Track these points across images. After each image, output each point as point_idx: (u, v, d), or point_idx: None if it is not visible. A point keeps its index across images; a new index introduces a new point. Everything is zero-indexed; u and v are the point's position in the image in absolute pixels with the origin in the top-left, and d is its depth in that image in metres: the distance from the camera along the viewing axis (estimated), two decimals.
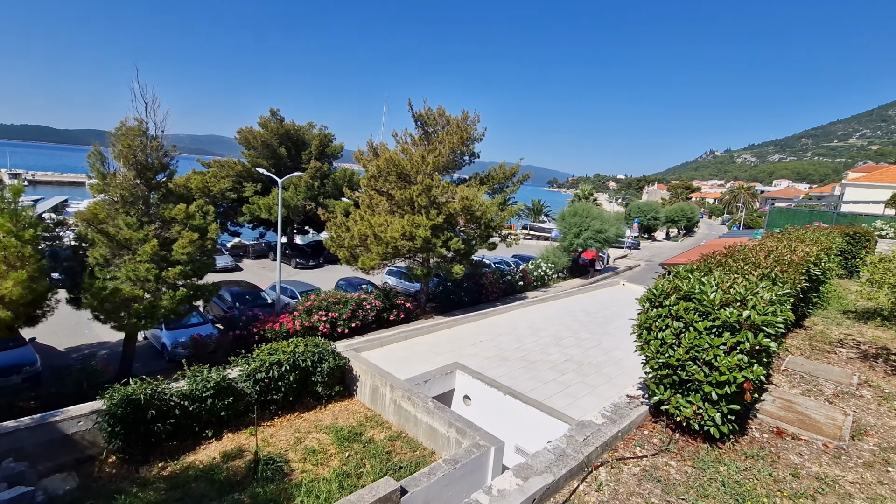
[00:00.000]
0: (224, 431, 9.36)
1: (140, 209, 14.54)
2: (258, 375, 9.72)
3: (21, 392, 12.54)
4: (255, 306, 19.44)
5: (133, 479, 7.82)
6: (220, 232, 16.74)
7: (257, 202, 29.88)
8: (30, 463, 7.35)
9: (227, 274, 27.24)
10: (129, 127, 14.29)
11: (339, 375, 11.21)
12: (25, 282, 12.04)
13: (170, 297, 14.06)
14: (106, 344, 17.39)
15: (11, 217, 12.27)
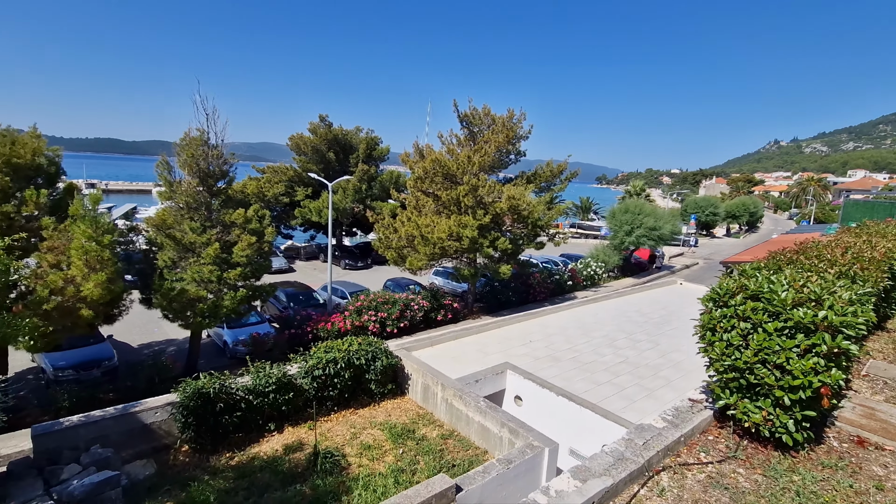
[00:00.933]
0: (285, 425, 9.80)
1: (203, 214, 15.47)
2: (315, 372, 10.10)
3: (101, 385, 13.69)
4: (308, 306, 20.19)
5: (204, 468, 8.36)
6: (275, 235, 17.53)
7: (308, 206, 31.02)
8: (114, 449, 8.02)
9: (281, 275, 28.47)
10: (192, 137, 15.23)
11: (391, 374, 11.46)
12: (104, 283, 13.09)
13: (231, 298, 14.86)
14: (174, 341, 18.59)
15: (92, 224, 13.36)
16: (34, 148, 14.24)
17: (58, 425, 8.00)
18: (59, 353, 14.46)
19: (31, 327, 5.16)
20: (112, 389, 13.47)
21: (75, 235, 12.99)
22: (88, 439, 7.96)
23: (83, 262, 12.90)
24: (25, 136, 14.58)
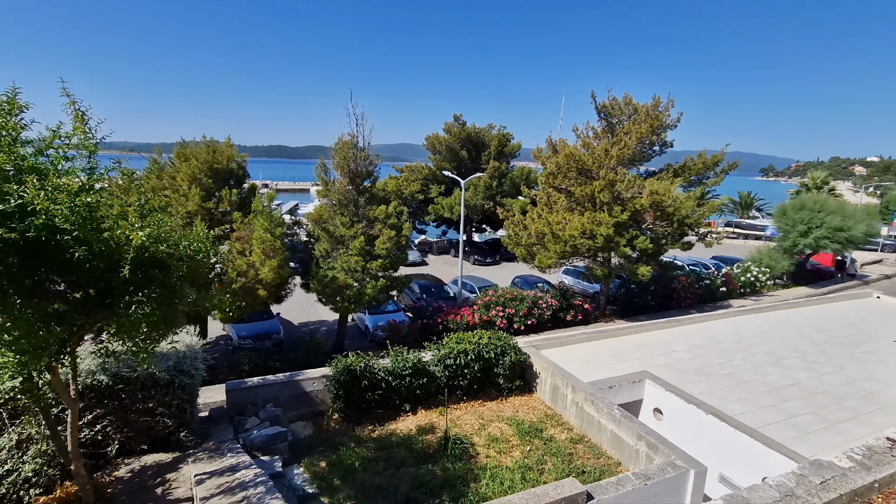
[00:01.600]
0: (419, 408, 10.41)
1: (351, 210, 17.15)
2: (447, 361, 10.53)
3: (271, 354, 16.07)
4: (440, 298, 21.13)
5: (351, 436, 9.32)
6: (411, 230, 18.71)
7: (441, 202, 32.47)
8: (283, 410, 9.41)
9: (415, 268, 30.31)
10: (344, 142, 16.97)
11: (519, 370, 11.40)
12: (276, 269, 15.35)
13: (372, 286, 16.26)
14: (325, 322, 20.99)
15: (268, 218, 15.74)
16: (229, 155, 17.29)
17: (243, 384, 9.66)
18: (241, 324, 17.40)
19: (229, 302, 6.28)
20: (279, 359, 15.71)
21: (255, 228, 15.46)
22: (265, 398, 9.46)
23: (261, 250, 15.28)
24: (222, 145, 17.78)
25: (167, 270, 5.25)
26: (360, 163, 16.89)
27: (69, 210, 4.15)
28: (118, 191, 5.74)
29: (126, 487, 6.60)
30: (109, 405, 6.97)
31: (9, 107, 4.40)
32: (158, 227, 4.98)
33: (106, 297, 4.80)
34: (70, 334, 4.70)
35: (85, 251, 4.35)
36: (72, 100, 4.99)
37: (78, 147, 4.97)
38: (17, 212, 4.09)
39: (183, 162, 16.71)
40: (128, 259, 4.43)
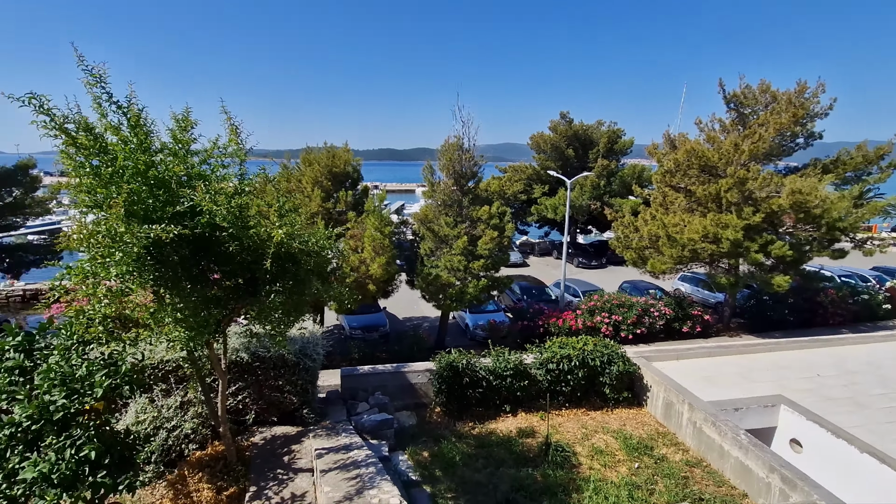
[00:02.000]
0: (519, 409, 10.35)
1: (455, 211, 17.54)
2: (550, 366, 10.31)
3: (378, 345, 17.09)
4: (541, 301, 20.70)
5: (452, 430, 9.58)
6: (513, 231, 18.59)
7: (544, 203, 31.76)
8: (390, 399, 10.00)
9: (516, 269, 30.07)
10: (450, 143, 17.41)
11: (627, 381, 10.74)
12: (384, 265, 16.29)
13: (474, 286, 16.48)
14: (427, 318, 21.73)
15: (378, 217, 16.77)
16: (346, 160, 18.76)
17: (356, 371, 10.46)
18: (353, 316, 18.77)
19: (348, 294, 6.84)
20: (385, 350, 16.65)
21: (367, 226, 16.57)
22: (374, 386, 10.15)
23: (371, 247, 16.33)
24: (340, 150, 19.33)
25: (298, 264, 5.88)
26: (465, 164, 17.21)
27: (227, 210, 4.86)
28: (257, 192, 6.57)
29: (260, 452, 7.53)
30: (248, 379, 8.01)
31: (184, 124, 5.28)
32: (292, 226, 5.61)
33: (251, 285, 5.54)
34: (223, 316, 5.50)
35: (237, 246, 5.06)
36: (228, 116, 5.83)
37: (232, 156, 5.79)
38: (189, 212, 4.90)
39: (307, 166, 18.52)
40: (269, 253, 5.05)
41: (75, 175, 4.47)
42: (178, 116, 5.26)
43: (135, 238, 4.07)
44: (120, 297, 4.49)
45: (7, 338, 5.76)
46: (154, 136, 5.22)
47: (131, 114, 4.90)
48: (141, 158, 4.69)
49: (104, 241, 4.11)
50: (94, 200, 4.45)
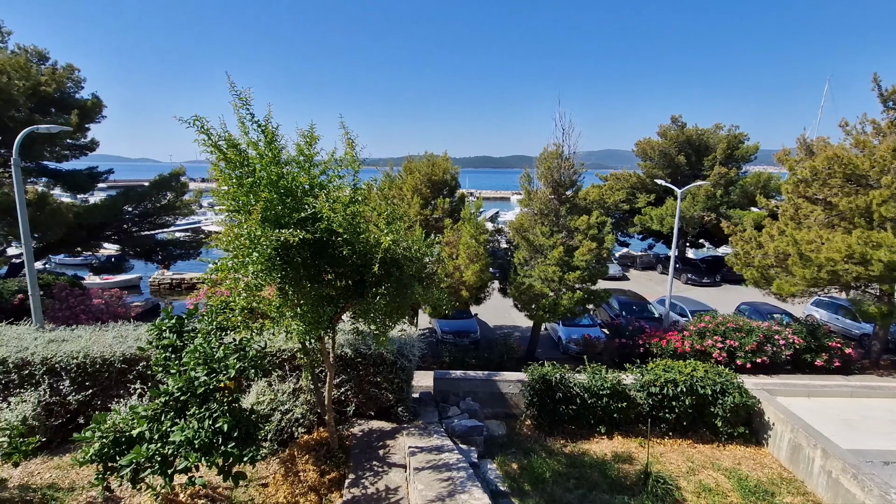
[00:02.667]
0: (615, 432, 9.80)
1: (552, 220, 17.17)
2: (652, 389, 9.62)
3: (468, 351, 17.27)
4: (642, 318, 19.39)
5: (542, 445, 9.37)
6: (614, 242, 17.67)
7: (649, 213, 29.73)
8: (480, 405, 10.08)
9: (614, 282, 28.51)
10: (549, 152, 17.14)
11: (744, 415, 9.62)
12: (478, 273, 16.47)
13: (568, 298, 15.97)
14: (518, 328, 21.50)
15: (473, 225, 17.01)
16: (444, 168, 19.34)
17: (448, 375, 10.72)
18: (445, 320, 19.23)
19: (446, 300, 7.07)
20: (475, 356, 16.79)
21: (463, 234, 16.90)
22: (465, 391, 10.31)
23: (466, 254, 16.62)
24: (439, 159, 19.98)
25: (402, 269, 6.22)
26: (563, 172, 16.82)
27: (342, 217, 5.32)
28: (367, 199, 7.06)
29: (358, 443, 8.05)
30: (350, 374, 8.62)
31: (310, 140, 5.88)
32: (398, 233, 5.95)
33: (359, 287, 5.98)
34: (335, 313, 6.01)
35: (349, 250, 5.51)
36: (346, 131, 6.37)
37: (347, 166, 6.31)
38: (310, 218, 5.45)
39: (408, 175, 19.43)
40: (377, 258, 5.42)
41: (224, 184, 5.22)
42: (304, 133, 5.87)
43: (268, 240, 4.65)
44: (254, 291, 5.15)
45: (164, 320, 6.88)
46: (283, 150, 5.92)
47: (268, 132, 5.59)
48: (274, 170, 5.33)
49: (245, 242, 4.74)
50: (236, 206, 5.16)
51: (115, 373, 8.18)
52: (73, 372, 8.04)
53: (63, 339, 8.63)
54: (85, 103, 21.44)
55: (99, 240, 25.04)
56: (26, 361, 8.01)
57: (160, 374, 6.48)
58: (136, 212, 24.91)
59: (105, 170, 25.08)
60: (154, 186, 24.99)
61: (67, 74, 20.97)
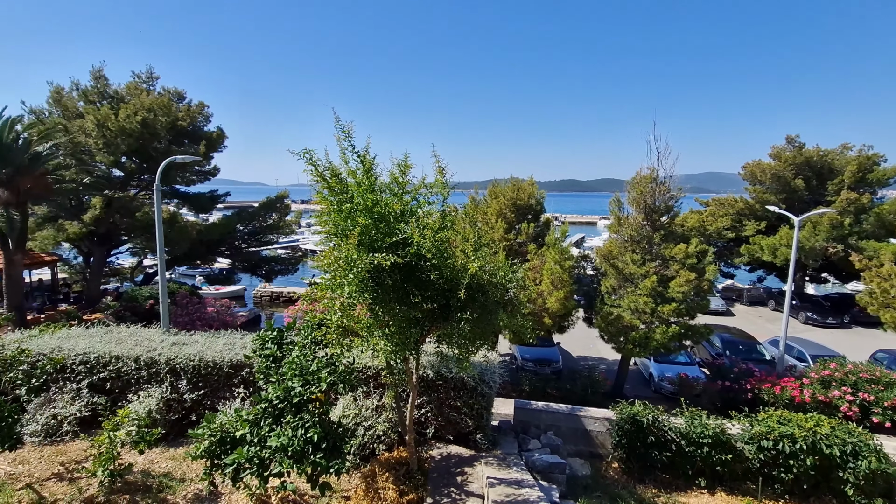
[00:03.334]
0: (717, 487, 8.75)
1: (644, 247, 16.20)
2: (763, 443, 8.49)
3: (549, 381, 16.61)
4: (749, 359, 17.37)
5: (631, 492, 8.64)
6: (716, 273, 16.17)
7: (759, 242, 26.82)
8: (562, 441, 9.59)
9: (716, 317, 25.93)
10: (642, 176, 16.33)
11: (883, 486, 8.10)
12: (562, 300, 15.93)
13: (662, 332, 14.82)
14: (604, 360, 20.31)
15: (558, 251, 16.56)
16: (530, 192, 19.20)
17: (529, 405, 10.38)
18: (525, 347, 18.75)
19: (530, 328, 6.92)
20: (556, 387, 16.11)
21: (547, 259, 16.53)
22: (546, 424, 9.90)
23: (550, 280, 16.20)
24: (525, 183, 19.89)
25: (486, 295, 6.22)
26: (658, 197, 15.90)
27: (431, 243, 5.48)
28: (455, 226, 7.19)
29: (437, 467, 8.03)
30: (431, 396, 8.69)
31: (403, 168, 6.18)
32: (484, 259, 5.98)
33: (444, 310, 6.07)
34: (420, 335, 6.14)
35: (437, 275, 5.64)
36: (437, 159, 6.60)
37: (437, 193, 6.52)
38: (401, 243, 5.68)
39: (493, 199, 19.55)
40: (463, 283, 5.48)
41: (328, 210, 5.66)
42: (398, 162, 6.19)
43: (363, 263, 4.93)
44: (348, 311, 5.46)
45: (267, 332, 7.52)
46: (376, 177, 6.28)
47: (366, 161, 5.97)
48: (369, 197, 5.67)
49: (342, 265, 5.07)
50: (335, 230, 5.55)
51: (223, 376, 9.05)
52: (189, 373, 9.03)
53: (183, 342, 9.75)
54: (211, 135, 24.61)
55: (215, 254, 28.24)
56: (154, 360, 9.15)
57: (261, 381, 7.06)
58: (245, 230, 27.80)
59: (223, 192, 28.40)
60: (262, 208, 27.78)
61: (199, 111, 24.27)
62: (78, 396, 9.00)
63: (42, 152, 17.89)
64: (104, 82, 22.87)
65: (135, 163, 22.74)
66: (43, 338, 9.78)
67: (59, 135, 19.49)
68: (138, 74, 23.92)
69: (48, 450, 8.39)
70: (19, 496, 7.06)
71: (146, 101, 21.38)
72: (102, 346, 9.36)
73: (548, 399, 14.48)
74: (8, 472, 7.64)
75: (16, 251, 17.52)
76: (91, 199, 22.20)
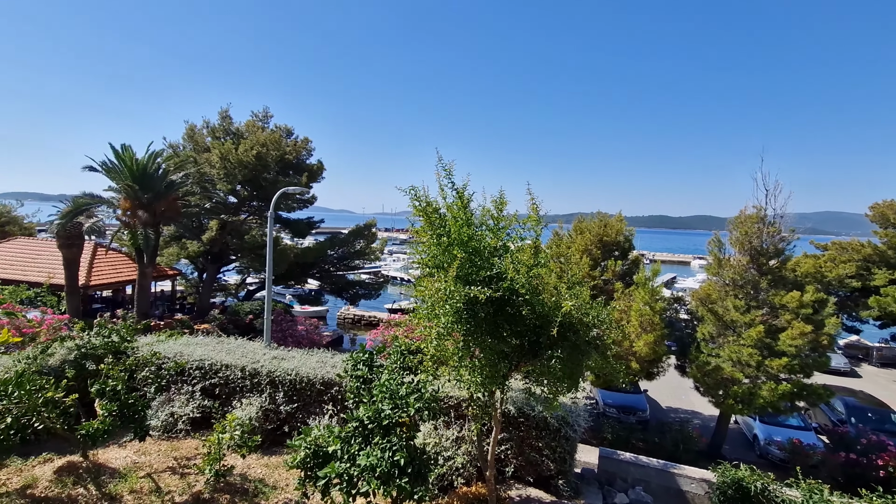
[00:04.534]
0: None
1: (748, 293, 14.84)
2: None
3: (634, 431, 15.46)
4: (881, 430, 14.93)
5: None
6: (838, 327, 14.29)
7: (893, 294, 23.29)
8: (652, 499, 8.84)
9: (838, 378, 22.64)
10: (747, 215, 15.15)
11: None
12: (651, 344, 14.96)
13: (770, 389, 13.32)
14: (699, 415, 18.54)
15: (649, 291, 15.67)
16: (618, 229, 18.55)
17: (615, 455, 9.75)
18: (609, 392, 17.72)
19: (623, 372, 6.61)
20: (643, 439, 14.94)
21: (636, 299, 15.71)
22: (634, 478, 9.20)
23: (639, 322, 15.34)
24: (613, 220, 19.27)
25: (577, 333, 6.09)
26: (766, 239, 14.61)
27: (525, 279, 5.53)
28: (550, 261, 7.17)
29: None
30: (513, 433, 8.52)
31: (499, 204, 6.36)
32: (578, 297, 5.90)
33: (534, 347, 6.02)
34: (508, 370, 6.13)
35: (528, 310, 5.65)
36: (531, 196, 6.70)
37: (531, 230, 6.59)
38: (495, 277, 5.80)
39: (578, 234, 19.13)
40: (556, 321, 5.43)
41: (427, 242, 5.97)
42: (495, 199, 6.39)
43: (459, 295, 5.11)
44: (442, 340, 5.64)
45: (360, 353, 7.93)
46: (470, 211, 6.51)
47: (464, 198, 6.24)
48: (466, 232, 5.89)
49: (442, 296, 5.29)
50: (433, 262, 5.82)
51: (314, 392, 9.62)
52: (286, 386, 9.72)
53: (282, 357, 10.54)
54: (312, 167, 26.99)
55: (307, 276, 30.40)
56: (257, 371, 9.98)
57: (351, 400, 7.42)
58: (335, 255, 29.70)
59: (318, 219, 30.75)
60: (351, 234, 29.60)
61: (304, 145, 26.80)
62: (192, 398, 10.04)
63: (176, 181, 20.78)
64: (229, 121, 26.23)
65: (247, 191, 25.54)
66: (168, 343, 11.11)
67: (190, 166, 22.55)
68: (256, 113, 27.14)
69: (164, 444, 9.40)
70: (141, 484, 7.96)
71: (261, 137, 24.11)
72: (215, 355, 10.41)
73: (631, 450, 13.47)
74: (133, 461, 8.66)
75: (148, 265, 20.24)
76: (209, 222, 25.21)
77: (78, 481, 7.77)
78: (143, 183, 19.26)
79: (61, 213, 18.53)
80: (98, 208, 19.71)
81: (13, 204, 34.95)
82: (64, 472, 7.95)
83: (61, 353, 9.94)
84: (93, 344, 9.80)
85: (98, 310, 22.39)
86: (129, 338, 9.73)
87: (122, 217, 19.75)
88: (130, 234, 19.28)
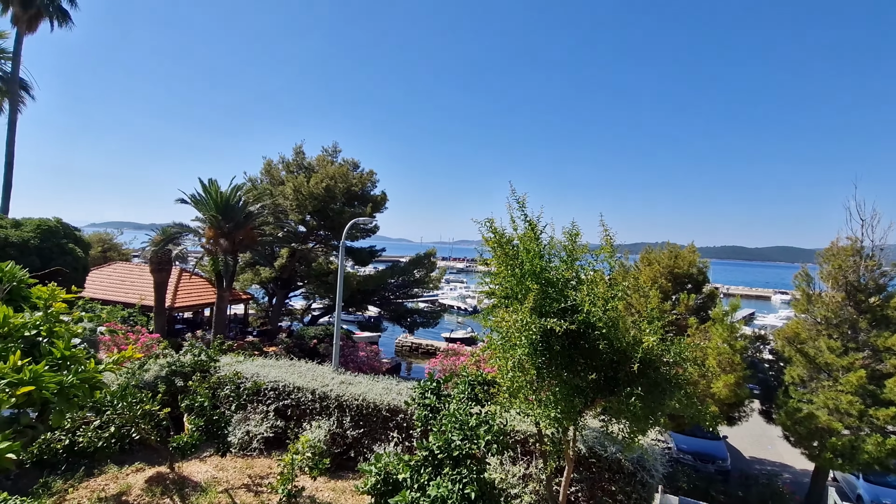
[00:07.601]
0: None
1: (846, 333, 13.46)
2: None
3: (713, 482, 14.15)
4: None
5: None
6: None
7: None
8: None
9: None
10: (840, 247, 13.92)
11: None
12: (731, 385, 13.83)
13: (876, 443, 11.81)
14: (788, 468, 16.75)
15: (728, 328, 14.61)
16: (690, 261, 17.61)
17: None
18: (684, 437, 16.43)
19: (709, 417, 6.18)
20: (723, 491, 13.66)
21: (712, 336, 14.69)
22: None
23: (716, 361, 14.28)
24: (684, 251, 18.33)
25: (657, 370, 5.80)
26: (864, 273, 13.29)
27: (601, 312, 5.41)
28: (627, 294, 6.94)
29: None
30: (583, 474, 8.11)
31: (572, 236, 6.33)
32: (658, 332, 5.65)
33: (610, 382, 5.81)
34: (583, 406, 5.94)
35: (605, 344, 5.48)
36: (605, 228, 6.60)
37: (604, 261, 6.47)
38: (570, 309, 5.71)
39: (646, 266, 18.35)
40: (636, 357, 5.23)
41: (500, 273, 6.03)
42: (567, 231, 6.36)
43: (535, 326, 5.08)
44: (517, 373, 5.59)
45: (428, 382, 7.99)
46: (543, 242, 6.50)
47: (536, 229, 6.27)
48: (538, 263, 5.89)
49: (516, 327, 5.29)
50: (507, 292, 5.85)
51: (380, 419, 9.74)
52: (353, 411, 9.93)
53: (349, 382, 10.82)
54: (376, 198, 28.11)
55: (368, 303, 31.23)
56: (326, 395, 10.29)
57: (419, 429, 7.45)
58: (395, 283, 30.37)
59: (380, 248, 31.72)
60: (411, 263, 30.23)
61: (369, 178, 28.08)
62: (266, 418, 10.51)
63: (254, 211, 22.43)
64: (302, 156, 28.13)
65: (315, 220, 27.01)
66: (246, 363, 11.79)
67: (266, 198, 24.30)
68: (326, 148, 28.92)
69: (240, 461, 9.85)
70: (219, 499, 8.36)
71: (330, 171, 25.60)
72: (287, 377, 10.89)
73: (712, 502, 12.36)
74: (213, 475, 9.14)
75: (226, 289, 21.76)
76: (280, 250, 26.80)
77: (165, 492, 8.30)
78: (226, 213, 20.96)
79: (153, 240, 20.50)
80: (185, 237, 21.62)
81: (114, 232, 39.19)
82: (153, 482, 8.53)
83: (154, 369, 10.83)
84: (181, 362, 10.61)
85: (179, 330, 24.23)
86: (215, 357, 10.43)
87: (205, 245, 21.52)
88: (212, 261, 20.89)
